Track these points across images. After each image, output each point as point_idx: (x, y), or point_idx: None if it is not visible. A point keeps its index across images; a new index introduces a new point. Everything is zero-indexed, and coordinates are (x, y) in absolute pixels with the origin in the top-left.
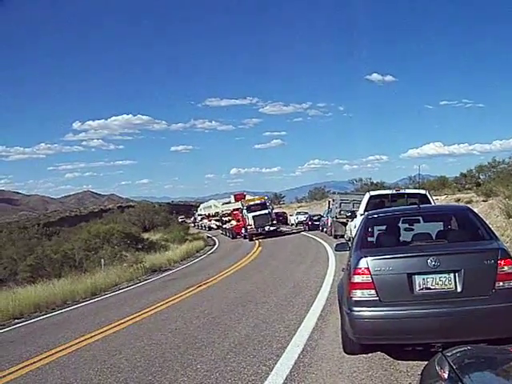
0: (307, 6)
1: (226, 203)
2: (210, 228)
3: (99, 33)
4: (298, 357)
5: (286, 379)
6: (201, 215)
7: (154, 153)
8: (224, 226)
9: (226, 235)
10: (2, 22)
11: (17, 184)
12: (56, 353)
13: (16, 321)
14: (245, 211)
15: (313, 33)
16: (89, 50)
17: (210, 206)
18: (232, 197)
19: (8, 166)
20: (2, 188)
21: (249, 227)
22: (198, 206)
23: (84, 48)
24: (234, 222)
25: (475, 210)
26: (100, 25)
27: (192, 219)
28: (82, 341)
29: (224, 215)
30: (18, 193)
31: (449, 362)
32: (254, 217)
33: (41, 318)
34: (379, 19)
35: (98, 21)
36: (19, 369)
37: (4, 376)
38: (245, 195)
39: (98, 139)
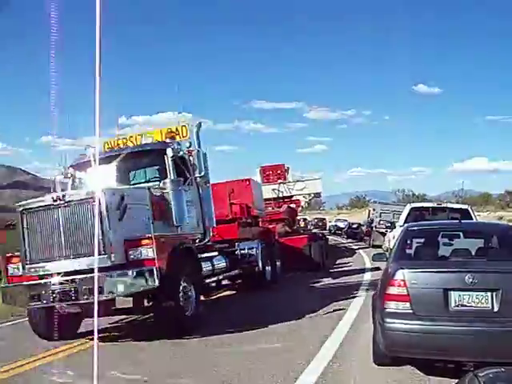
0: (356, 15)
1: None
2: None
3: (149, 30)
4: (328, 364)
5: None
6: None
7: None
8: None
9: None
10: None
11: None
12: None
13: None
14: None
15: (362, 43)
16: (137, 46)
17: None
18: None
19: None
20: (48, 177)
21: None
22: None
23: (133, 44)
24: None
25: None
26: (149, 22)
27: None
28: None
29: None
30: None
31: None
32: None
33: None
34: (428, 31)
35: (149, 18)
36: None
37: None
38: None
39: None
